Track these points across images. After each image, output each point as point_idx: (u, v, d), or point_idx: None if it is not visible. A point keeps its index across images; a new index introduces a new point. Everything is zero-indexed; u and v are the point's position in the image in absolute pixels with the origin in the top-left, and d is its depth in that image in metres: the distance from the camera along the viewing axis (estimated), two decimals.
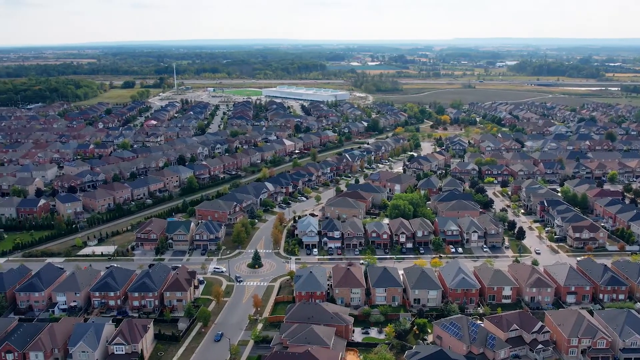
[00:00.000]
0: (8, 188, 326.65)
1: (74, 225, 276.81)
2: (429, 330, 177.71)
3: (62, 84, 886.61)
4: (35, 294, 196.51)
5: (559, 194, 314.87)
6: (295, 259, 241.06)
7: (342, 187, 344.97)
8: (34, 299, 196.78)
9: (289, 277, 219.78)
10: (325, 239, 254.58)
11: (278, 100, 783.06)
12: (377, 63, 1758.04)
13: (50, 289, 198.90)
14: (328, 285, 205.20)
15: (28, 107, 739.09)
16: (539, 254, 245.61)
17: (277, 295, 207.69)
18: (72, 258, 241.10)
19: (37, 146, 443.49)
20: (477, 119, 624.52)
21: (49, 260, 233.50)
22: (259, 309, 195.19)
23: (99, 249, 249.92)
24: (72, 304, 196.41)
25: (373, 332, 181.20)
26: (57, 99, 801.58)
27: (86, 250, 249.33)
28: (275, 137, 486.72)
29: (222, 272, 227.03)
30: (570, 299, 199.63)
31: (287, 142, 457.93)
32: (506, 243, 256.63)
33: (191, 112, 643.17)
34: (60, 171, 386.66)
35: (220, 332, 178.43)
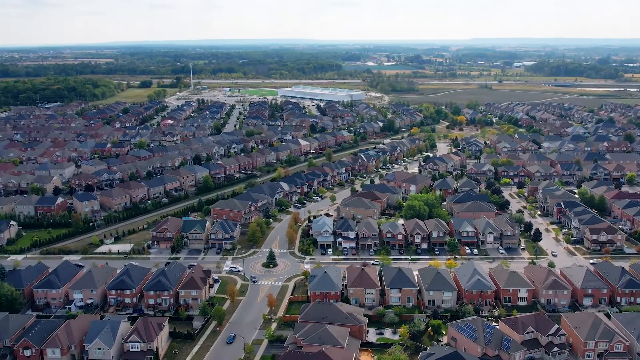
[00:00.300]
0: (27, 186, 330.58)
1: (91, 224, 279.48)
2: (444, 332, 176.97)
3: (80, 83, 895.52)
4: (52, 291, 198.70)
5: (576, 196, 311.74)
6: (310, 259, 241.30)
7: (357, 187, 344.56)
8: (51, 296, 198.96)
9: (303, 276, 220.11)
10: (340, 239, 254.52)
11: (294, 100, 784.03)
12: (393, 63, 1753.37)
13: (67, 286, 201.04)
14: (342, 285, 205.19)
15: (47, 106, 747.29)
16: (555, 256, 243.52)
17: (291, 294, 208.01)
18: (89, 256, 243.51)
19: (55, 145, 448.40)
20: (494, 120, 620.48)
21: (66, 257, 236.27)
22: (273, 308, 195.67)
23: (115, 247, 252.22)
24: (89, 301, 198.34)
25: (387, 333, 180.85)
26: (75, 98, 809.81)
27: (103, 248, 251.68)
28: (290, 137, 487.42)
29: (238, 271, 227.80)
30: (587, 301, 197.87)
31: (303, 142, 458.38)
32: (522, 245, 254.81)
33: (207, 112, 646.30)
34: (78, 170, 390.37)
35: (233, 335, 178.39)
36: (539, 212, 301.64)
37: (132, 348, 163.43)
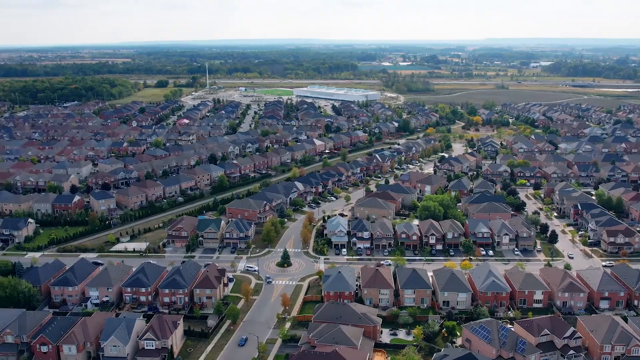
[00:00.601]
0: (44, 184, 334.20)
1: (107, 222, 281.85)
2: (458, 333, 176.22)
3: (98, 82, 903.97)
4: (69, 288, 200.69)
5: (594, 197, 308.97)
6: (324, 259, 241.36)
7: (372, 187, 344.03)
8: (67, 293, 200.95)
9: (317, 276, 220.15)
10: (354, 239, 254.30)
11: (309, 100, 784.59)
12: (409, 63, 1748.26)
13: (83, 284, 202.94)
14: (356, 285, 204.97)
15: (64, 105, 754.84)
16: (571, 258, 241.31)
17: (305, 294, 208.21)
18: (105, 254, 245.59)
19: (72, 144, 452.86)
20: (510, 120, 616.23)
21: (83, 255, 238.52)
22: (287, 307, 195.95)
23: (131, 246, 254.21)
24: (105, 298, 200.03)
25: (401, 334, 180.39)
26: (93, 97, 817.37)
27: (119, 247, 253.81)
28: (305, 137, 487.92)
29: (255, 270, 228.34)
30: (604, 304, 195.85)
31: (318, 142, 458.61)
32: (538, 246, 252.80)
33: (223, 112, 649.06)
34: (95, 168, 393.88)
35: (245, 337, 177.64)
36: (555, 214, 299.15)
37: (147, 346, 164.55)
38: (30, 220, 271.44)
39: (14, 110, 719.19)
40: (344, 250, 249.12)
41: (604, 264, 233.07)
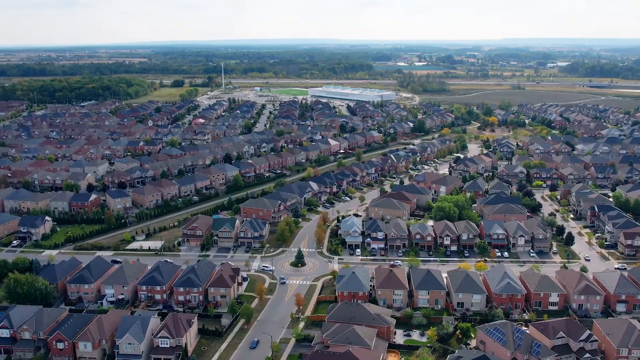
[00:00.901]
0: (61, 183, 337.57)
1: (123, 220, 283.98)
2: (472, 335, 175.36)
3: (115, 82, 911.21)
4: (85, 286, 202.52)
5: (611, 199, 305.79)
6: (338, 259, 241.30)
7: (387, 187, 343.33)
8: (83, 290, 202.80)
9: (331, 276, 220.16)
10: (368, 239, 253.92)
11: (324, 100, 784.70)
12: (424, 63, 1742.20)
13: (99, 282, 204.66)
14: (370, 286, 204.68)
15: (82, 104, 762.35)
16: (588, 260, 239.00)
17: (319, 294, 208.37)
18: (121, 252, 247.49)
19: (89, 142, 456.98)
20: (526, 121, 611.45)
21: (99, 253, 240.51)
22: (301, 307, 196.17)
23: (146, 244, 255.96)
24: (120, 296, 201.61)
25: (415, 335, 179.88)
26: (110, 97, 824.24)
27: (134, 245, 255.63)
28: (320, 137, 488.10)
29: (270, 270, 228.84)
30: (621, 307, 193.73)
31: (332, 142, 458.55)
32: (554, 248, 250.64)
33: (238, 111, 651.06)
34: (111, 167, 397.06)
35: (256, 339, 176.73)
36: (571, 216, 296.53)
37: (161, 344, 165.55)
38: (47, 218, 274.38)
39: (32, 110, 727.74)
40: (358, 250, 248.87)
41: (616, 265, 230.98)
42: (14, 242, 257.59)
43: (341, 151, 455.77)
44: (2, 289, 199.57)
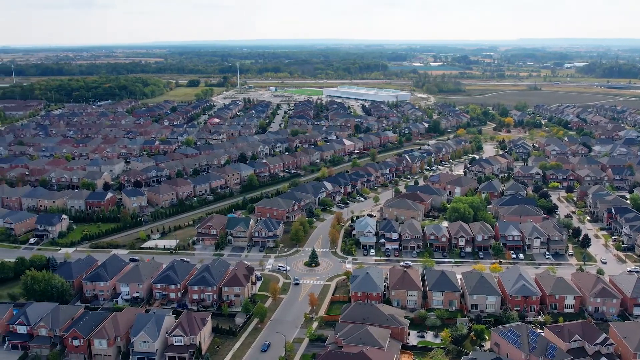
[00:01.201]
0: (78, 181, 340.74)
1: (138, 219, 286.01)
2: (487, 337, 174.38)
3: (131, 82, 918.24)
4: (100, 284, 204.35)
5: (628, 201, 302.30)
6: (352, 259, 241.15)
7: (401, 188, 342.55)
8: (99, 288, 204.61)
9: (345, 277, 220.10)
10: (382, 240, 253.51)
11: (339, 100, 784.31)
12: (440, 63, 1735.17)
13: (114, 280, 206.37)
14: (384, 286, 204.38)
15: (98, 104, 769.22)
16: (604, 263, 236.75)
17: (333, 294, 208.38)
18: (136, 250, 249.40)
19: (106, 141, 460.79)
20: (543, 122, 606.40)
21: (115, 251, 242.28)
22: (314, 307, 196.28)
23: (161, 243, 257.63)
24: (135, 294, 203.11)
25: (429, 336, 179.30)
26: (126, 96, 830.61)
27: (149, 244, 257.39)
28: (335, 137, 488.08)
29: (286, 270, 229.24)
30: (638, 311, 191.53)
31: (347, 142, 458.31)
32: (570, 250, 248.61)
33: (253, 111, 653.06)
34: (127, 166, 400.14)
35: (267, 342, 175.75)
36: (588, 218, 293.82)
37: (175, 342, 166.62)
38: (64, 216, 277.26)
39: (50, 109, 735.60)
40: (372, 251, 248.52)
41: (629, 268, 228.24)
42: (32, 239, 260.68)
43: (356, 151, 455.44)
44: (20, 285, 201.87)
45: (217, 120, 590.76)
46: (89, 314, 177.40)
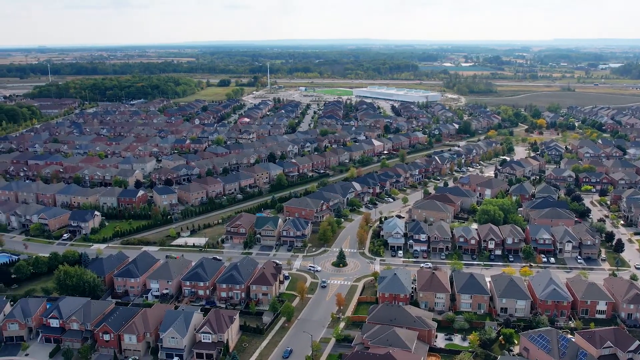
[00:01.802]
0: (110, 179, 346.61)
1: (169, 217, 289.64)
2: (516, 342, 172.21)
3: (163, 81, 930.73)
4: (131, 280, 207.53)
5: None
6: (380, 260, 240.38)
7: (431, 189, 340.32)
8: (130, 284, 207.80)
9: (372, 277, 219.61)
10: (411, 241, 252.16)
11: (368, 101, 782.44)
12: (471, 64, 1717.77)
13: (145, 276, 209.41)
14: (412, 288, 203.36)
15: (131, 102, 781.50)
16: (638, 268, 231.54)
17: (360, 295, 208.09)
18: (166, 247, 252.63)
19: (138, 140, 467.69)
20: (576, 124, 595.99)
21: (145, 248, 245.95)
22: (341, 307, 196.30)
23: (191, 240, 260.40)
24: (164, 291, 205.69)
25: (456, 339, 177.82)
26: (158, 95, 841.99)
27: (179, 241, 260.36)
28: (364, 137, 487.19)
29: (315, 270, 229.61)
30: None
31: (376, 143, 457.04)
32: (603, 255, 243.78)
33: (283, 111, 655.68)
34: (158, 164, 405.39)
35: (289, 349, 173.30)
36: (622, 222, 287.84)
37: (203, 339, 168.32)
38: (96, 212, 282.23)
39: (84, 107, 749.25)
40: (400, 252, 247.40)
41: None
42: (65, 235, 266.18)
43: (385, 152, 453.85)
44: (53, 280, 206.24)
45: (247, 119, 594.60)
46: (119, 309, 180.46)
